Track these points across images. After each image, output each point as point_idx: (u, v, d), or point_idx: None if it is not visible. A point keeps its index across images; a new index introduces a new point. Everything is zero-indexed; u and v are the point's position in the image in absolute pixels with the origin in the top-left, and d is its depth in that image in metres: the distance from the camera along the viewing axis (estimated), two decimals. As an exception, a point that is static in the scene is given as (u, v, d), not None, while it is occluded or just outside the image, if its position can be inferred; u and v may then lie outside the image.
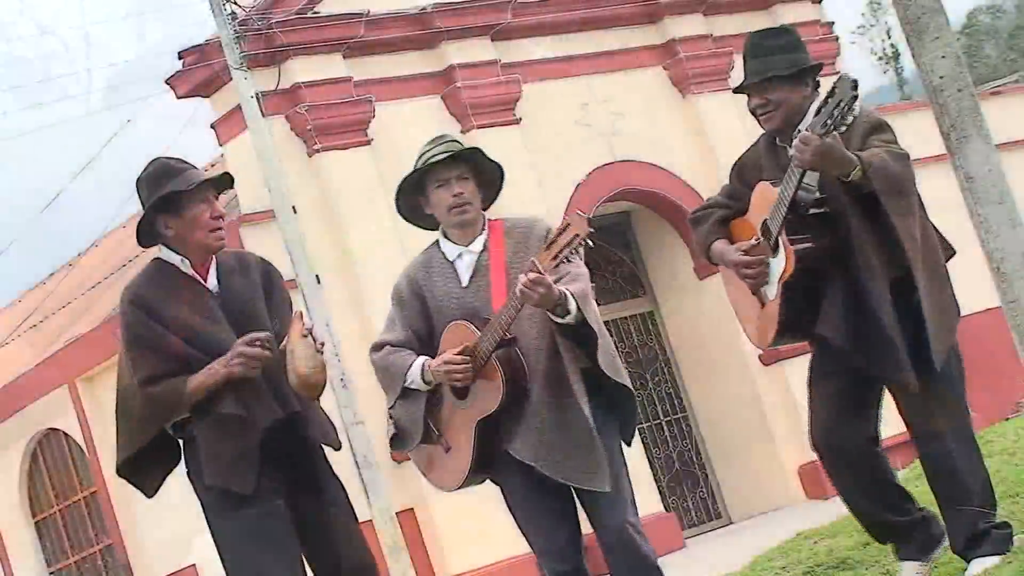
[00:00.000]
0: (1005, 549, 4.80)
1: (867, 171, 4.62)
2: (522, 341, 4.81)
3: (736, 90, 5.16)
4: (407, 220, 5.11)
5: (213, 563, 5.01)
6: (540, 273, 4.56)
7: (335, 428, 5.01)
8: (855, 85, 4.55)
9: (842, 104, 4.52)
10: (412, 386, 4.91)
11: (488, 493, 5.16)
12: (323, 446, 4.94)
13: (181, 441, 4.85)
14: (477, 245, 4.95)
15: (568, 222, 4.59)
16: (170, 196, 4.78)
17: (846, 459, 4.94)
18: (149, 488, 4.92)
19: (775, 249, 4.83)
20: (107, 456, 15.32)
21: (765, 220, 4.84)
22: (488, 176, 5.01)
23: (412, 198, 5.02)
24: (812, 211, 4.81)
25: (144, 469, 4.87)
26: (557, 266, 4.63)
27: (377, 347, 5.00)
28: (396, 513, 12.70)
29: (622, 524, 4.79)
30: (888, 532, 5.04)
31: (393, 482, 12.83)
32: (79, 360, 15.39)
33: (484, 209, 5.03)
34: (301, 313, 4.82)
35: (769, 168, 4.99)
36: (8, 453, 17.21)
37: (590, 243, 4.57)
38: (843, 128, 4.61)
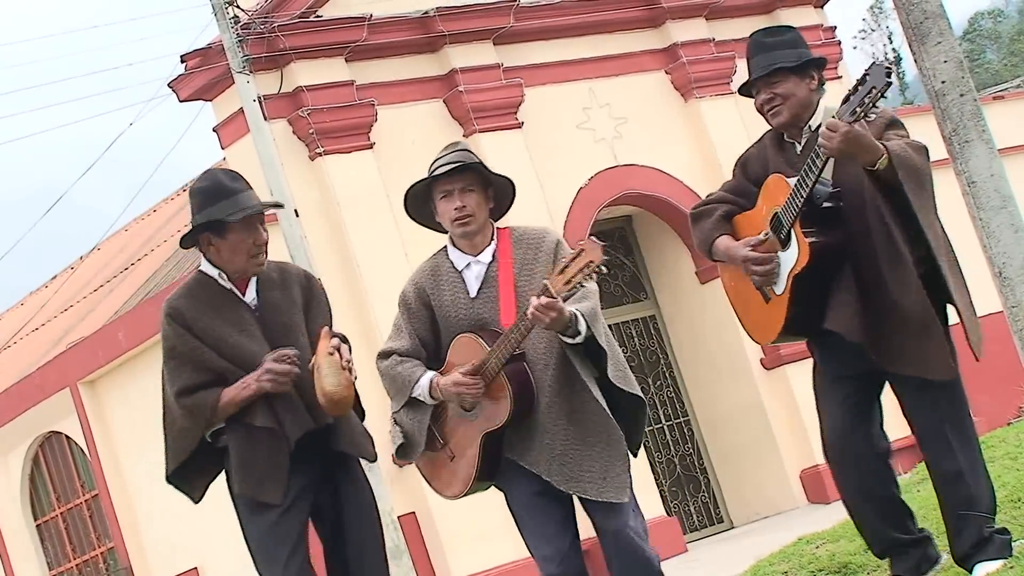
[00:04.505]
0: (1007, 554, 4.79)
1: (892, 161, 4.56)
2: (530, 355, 4.80)
3: (741, 90, 5.08)
4: (420, 224, 5.08)
5: (215, 566, 5.04)
6: (552, 298, 4.55)
7: (371, 439, 5.02)
8: (888, 72, 4.48)
9: (875, 91, 4.43)
10: (419, 399, 4.90)
11: (489, 498, 5.15)
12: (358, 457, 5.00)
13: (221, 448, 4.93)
14: (486, 256, 4.91)
15: (582, 248, 4.55)
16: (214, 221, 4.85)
17: (860, 467, 4.89)
18: (195, 493, 5.02)
19: (786, 242, 4.75)
20: (109, 459, 15.31)
21: (776, 213, 4.76)
22: (499, 187, 4.97)
23: (423, 205, 4.99)
24: (825, 205, 4.74)
25: (190, 476, 4.96)
26: (570, 291, 4.61)
27: (384, 355, 4.97)
28: (398, 517, 12.69)
29: (624, 528, 4.78)
30: (888, 546, 5.00)
31: (395, 486, 12.82)
32: (81, 363, 15.38)
33: (496, 219, 4.99)
34: (329, 330, 4.81)
35: (776, 164, 4.92)
36: (10, 456, 17.20)
37: (603, 270, 4.54)
38: (872, 116, 4.54)
